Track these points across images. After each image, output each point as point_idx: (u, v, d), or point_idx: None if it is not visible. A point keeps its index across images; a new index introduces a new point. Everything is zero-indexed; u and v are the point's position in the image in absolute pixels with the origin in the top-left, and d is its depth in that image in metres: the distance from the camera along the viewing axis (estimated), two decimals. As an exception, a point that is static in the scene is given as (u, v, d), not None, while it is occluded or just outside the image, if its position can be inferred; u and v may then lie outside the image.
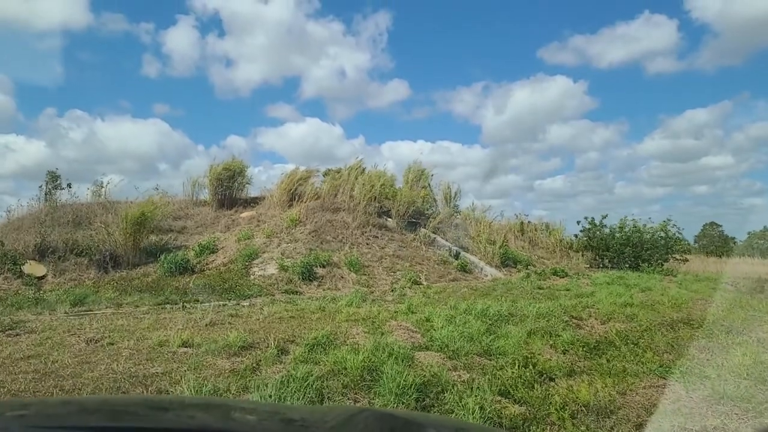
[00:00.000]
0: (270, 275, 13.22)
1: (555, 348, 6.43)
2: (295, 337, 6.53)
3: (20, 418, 1.18)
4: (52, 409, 1.48)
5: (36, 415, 1.24)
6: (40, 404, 1.94)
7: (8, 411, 1.30)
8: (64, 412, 1.40)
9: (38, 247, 14.32)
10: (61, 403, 2.07)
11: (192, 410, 1.44)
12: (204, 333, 6.71)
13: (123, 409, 1.43)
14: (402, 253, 16.16)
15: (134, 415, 1.29)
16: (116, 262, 14.73)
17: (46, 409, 1.47)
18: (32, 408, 1.45)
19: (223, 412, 1.40)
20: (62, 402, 2.23)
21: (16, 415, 1.22)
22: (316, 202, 18.36)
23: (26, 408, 1.42)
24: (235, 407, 1.60)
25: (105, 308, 9.36)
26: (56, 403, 1.99)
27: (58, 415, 1.30)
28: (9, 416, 1.17)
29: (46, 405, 1.78)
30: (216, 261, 14.85)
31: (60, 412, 1.40)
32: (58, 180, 17.63)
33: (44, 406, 1.64)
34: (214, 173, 19.34)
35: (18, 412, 1.28)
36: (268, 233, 16.10)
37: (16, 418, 1.17)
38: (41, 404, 1.97)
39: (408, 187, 19.60)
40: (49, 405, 1.78)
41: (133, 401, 2.28)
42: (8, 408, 1.45)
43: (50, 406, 1.64)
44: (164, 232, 17.11)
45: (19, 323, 7.50)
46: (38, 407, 1.52)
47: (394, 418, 1.49)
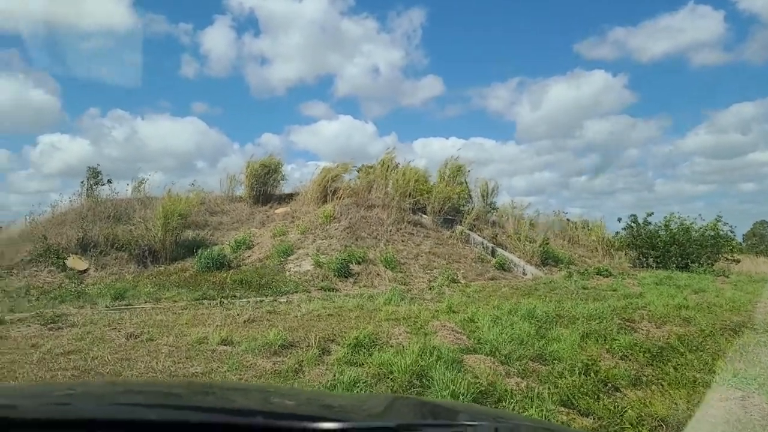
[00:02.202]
0: (305, 271, 13.08)
1: (612, 353, 6.01)
2: (335, 336, 6.30)
3: (76, 397, 1.23)
4: (98, 389, 1.54)
5: (89, 394, 1.29)
6: (84, 385, 2.14)
7: (56, 391, 1.40)
8: (111, 391, 1.44)
9: (80, 241, 14.56)
10: (107, 383, 2.23)
11: (233, 394, 1.45)
12: (243, 330, 6.54)
13: (166, 391, 1.47)
14: (438, 250, 15.81)
15: (177, 397, 1.31)
16: (155, 257, 14.87)
17: (97, 389, 1.55)
18: (79, 388, 1.55)
19: (263, 397, 1.41)
20: (108, 383, 2.38)
21: (64, 394, 1.27)
22: (350, 198, 18.16)
23: (73, 389, 1.52)
24: (275, 392, 1.64)
25: (144, 303, 9.35)
26: (102, 384, 2.11)
27: (105, 394, 1.35)
28: (57, 395, 1.23)
29: (95, 385, 1.95)
30: (252, 256, 14.81)
31: (107, 391, 1.45)
32: (99, 176, 17.94)
33: (89, 387, 1.76)
34: (251, 169, 19.37)
35: (66, 392, 1.35)
36: (303, 229, 15.99)
37: (66, 396, 1.22)
38: (85, 385, 2.16)
39: (443, 182, 19.19)
40: (95, 386, 1.90)
41: (175, 384, 2.35)
42: (55, 388, 1.60)
43: (96, 387, 1.74)
44: (201, 228, 17.22)
45: (62, 316, 7.50)
46: (89, 387, 1.64)
47: (429, 405, 1.58)
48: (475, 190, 20.66)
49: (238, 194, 20.47)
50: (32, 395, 1.39)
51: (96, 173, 17.87)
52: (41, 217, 16.74)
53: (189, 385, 2.06)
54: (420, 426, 1.08)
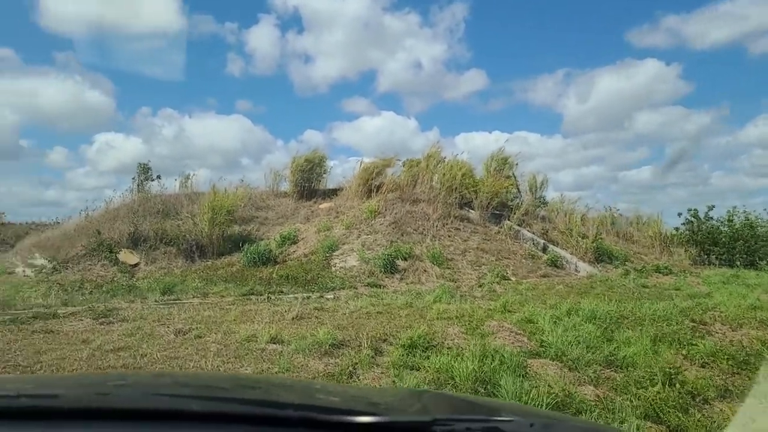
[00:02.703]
0: (351, 267, 12.87)
1: (690, 360, 5.47)
2: (387, 335, 6.00)
3: (120, 387, 1.24)
4: (147, 380, 1.58)
5: (133, 385, 1.31)
6: (135, 375, 2.20)
7: (99, 381, 1.45)
8: (158, 383, 1.46)
9: (131, 236, 14.86)
10: (155, 375, 2.28)
11: (278, 389, 1.45)
12: (291, 328, 6.34)
13: (213, 384, 1.47)
14: (486, 246, 15.31)
15: (223, 390, 1.31)
16: (202, 252, 15.01)
17: (142, 380, 1.59)
18: (129, 379, 1.60)
19: (309, 392, 1.42)
20: (156, 374, 2.44)
21: (107, 384, 1.29)
22: (395, 192, 17.85)
23: (123, 378, 1.55)
24: (320, 389, 1.60)
25: (192, 298, 9.34)
26: (147, 375, 2.18)
27: (153, 384, 1.38)
28: (110, 385, 1.25)
29: (141, 376, 1.99)
30: (297, 252, 14.74)
31: (155, 382, 1.48)
32: (149, 172, 18.30)
33: (139, 377, 1.84)
34: (296, 164, 19.36)
35: (117, 382, 1.36)
36: (348, 224, 15.80)
37: (117, 387, 1.23)
38: (136, 375, 2.22)
39: (490, 176, 18.59)
40: (140, 376, 2.00)
41: (221, 377, 2.36)
42: (98, 378, 1.67)
43: (145, 377, 1.81)
44: (247, 223, 17.31)
45: (113, 311, 7.52)
46: (135, 378, 1.67)
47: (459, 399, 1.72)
48: (523, 184, 19.99)
49: (283, 189, 20.53)
50: (74, 385, 1.43)
51: (146, 169, 18.25)
52: (95, 212, 17.23)
53: (233, 379, 2.09)
54: (456, 420, 1.06)
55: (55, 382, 1.63)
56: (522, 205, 18.56)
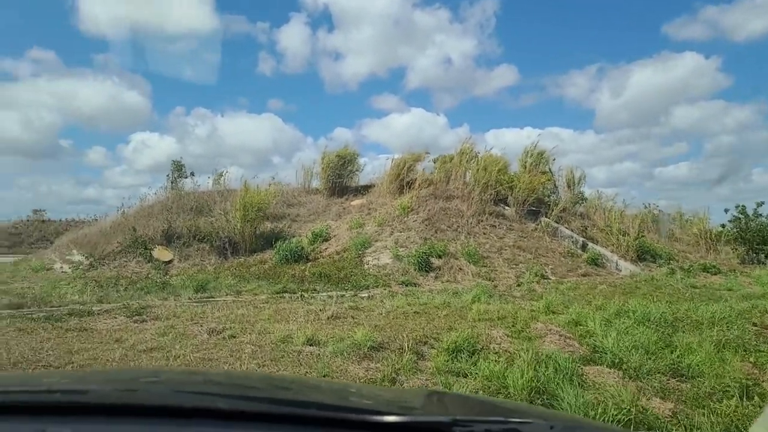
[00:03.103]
0: (384, 265, 12.61)
1: (761, 368, 5.00)
2: (427, 337, 5.71)
3: (151, 384, 1.28)
4: (179, 377, 1.60)
5: (165, 381, 1.34)
6: (167, 372, 2.20)
7: (142, 377, 1.48)
8: (190, 380, 1.49)
9: (165, 232, 14.93)
10: (188, 372, 2.28)
11: (310, 391, 1.44)
12: (327, 328, 6.10)
13: (245, 383, 1.47)
14: (523, 243, 14.83)
15: (255, 389, 1.32)
16: (234, 249, 14.98)
17: (174, 377, 1.60)
18: (162, 375, 1.60)
19: (342, 394, 1.41)
20: (189, 372, 2.42)
21: (149, 381, 1.34)
22: (428, 189, 17.49)
23: (156, 375, 1.57)
24: (354, 392, 1.59)
25: (225, 295, 9.22)
26: (183, 372, 2.20)
27: (184, 382, 1.41)
28: (142, 381, 1.32)
29: (173, 373, 2.03)
30: (329, 249, 14.56)
31: (186, 380, 1.51)
32: (183, 169, 18.41)
33: (172, 374, 1.86)
34: (327, 161, 19.20)
35: (149, 378, 1.41)
36: (380, 221, 15.54)
37: (150, 384, 1.28)
38: (169, 372, 2.23)
39: (526, 172, 18.04)
40: (177, 373, 2.01)
41: (255, 377, 2.36)
42: (140, 374, 1.68)
43: (178, 374, 1.83)
44: (278, 220, 17.24)
45: (146, 308, 7.44)
46: (167, 375, 1.68)
47: (475, 400, 1.83)
48: (560, 180, 19.32)
49: (314, 186, 20.42)
50: (106, 380, 1.45)
51: (180, 166, 18.38)
52: (130, 210, 17.42)
53: (266, 379, 2.10)
54: (475, 422, 1.05)
55: (88, 377, 1.66)
56: (559, 201, 17.97)
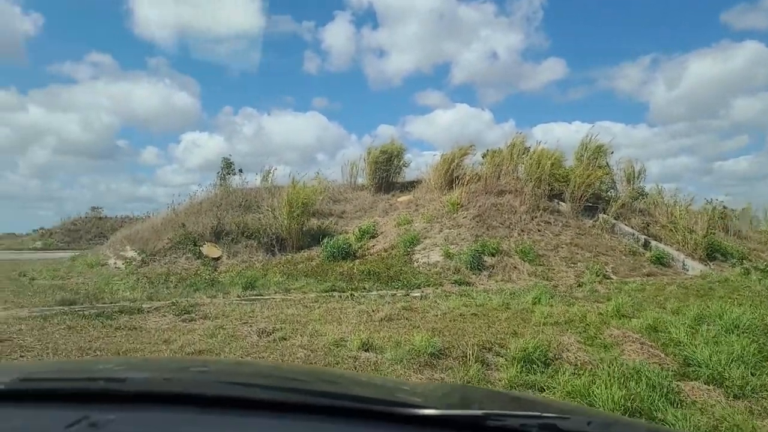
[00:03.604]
0: (434, 263, 12.15)
1: None
2: (491, 343, 5.23)
3: (202, 374, 1.29)
4: (229, 368, 1.64)
5: (215, 372, 1.38)
6: (217, 363, 2.21)
7: (192, 366, 1.51)
8: (238, 371, 1.51)
9: (214, 229, 14.97)
10: (236, 363, 2.27)
11: (356, 386, 1.42)
12: (382, 331, 5.72)
13: (292, 376, 1.47)
14: (580, 241, 14.04)
15: (301, 382, 1.32)
16: (282, 245, 14.87)
17: (225, 368, 1.64)
18: (212, 366, 1.70)
19: (389, 389, 1.43)
20: (238, 363, 2.43)
21: (198, 370, 1.37)
22: (478, 184, 16.86)
23: (206, 365, 1.63)
24: (398, 387, 1.56)
25: (274, 293, 9.00)
26: (233, 363, 2.21)
27: (235, 373, 1.43)
28: (193, 371, 1.34)
29: (224, 364, 2.12)
30: (376, 246, 14.22)
31: (237, 371, 1.52)
32: (232, 166, 18.48)
33: (222, 365, 1.95)
34: (372, 156, 18.87)
35: (200, 369, 1.44)
36: (428, 218, 15.07)
37: (200, 373, 1.30)
38: (218, 363, 2.23)
39: (582, 166, 17.13)
40: (227, 364, 2.14)
41: (302, 370, 2.33)
42: (191, 364, 1.80)
43: (228, 365, 1.92)
44: (325, 216, 17.04)
45: (195, 306, 7.28)
46: (217, 366, 1.75)
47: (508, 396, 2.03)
48: (619, 174, 18.29)
49: (360, 183, 20.15)
50: (155, 368, 1.47)
51: (229, 163, 18.46)
52: (180, 206, 17.62)
53: (313, 372, 2.11)
54: (509, 416, 1.01)
55: (140, 365, 1.67)
56: (618, 196, 17.02)
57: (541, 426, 0.98)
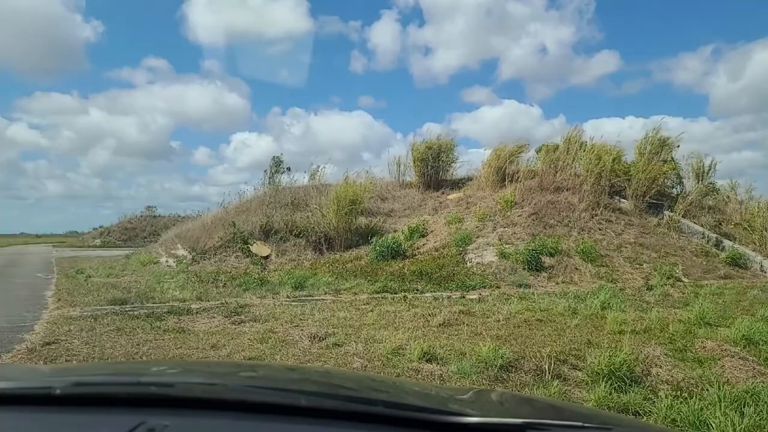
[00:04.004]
0: (489, 263, 11.58)
1: None
2: (565, 354, 4.70)
3: (251, 379, 1.28)
4: (278, 374, 1.61)
5: (264, 378, 1.34)
6: (267, 368, 2.28)
7: (241, 372, 1.48)
8: (288, 377, 1.47)
9: (263, 227, 14.91)
10: (287, 369, 2.33)
11: (405, 394, 1.36)
12: (442, 338, 5.28)
13: (340, 383, 1.43)
14: (645, 240, 13.13)
15: (349, 389, 1.29)
16: (330, 244, 14.65)
17: (272, 374, 1.60)
18: (260, 371, 1.67)
19: (428, 396, 1.40)
20: (288, 368, 2.42)
21: (248, 376, 1.34)
22: (533, 181, 16.12)
23: (255, 370, 1.62)
24: (438, 394, 1.53)
25: (324, 294, 8.71)
26: (283, 369, 2.23)
27: (284, 379, 1.38)
28: (243, 376, 1.32)
29: (274, 369, 2.08)
30: (426, 245, 13.76)
31: (285, 377, 1.49)
32: (281, 164, 18.44)
33: (271, 371, 1.87)
34: (417, 153, 18.38)
35: (248, 374, 1.42)
36: (481, 216, 14.47)
37: (249, 378, 1.29)
38: (269, 368, 2.29)
39: (644, 161, 16.06)
40: (276, 369, 2.09)
41: (350, 377, 2.30)
42: (240, 369, 1.75)
43: (277, 371, 1.88)
44: (373, 215, 16.71)
45: (245, 308, 7.06)
46: (266, 371, 1.73)
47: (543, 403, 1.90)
48: (686, 169, 17.05)
49: (408, 180, 19.69)
50: (207, 372, 1.47)
51: (279, 162, 18.43)
52: (230, 205, 17.73)
53: (362, 379, 2.01)
54: (550, 426, 0.98)
55: (193, 368, 1.66)
56: (686, 193, 15.88)
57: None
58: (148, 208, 43.33)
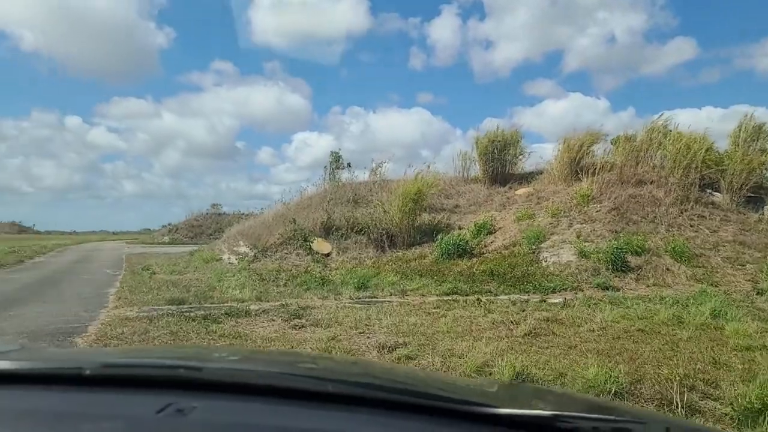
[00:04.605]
0: (567, 263, 10.59)
1: None
2: (691, 378, 3.82)
3: (311, 369, 1.28)
4: (338, 367, 1.57)
5: (323, 369, 1.34)
6: (328, 359, 2.33)
7: (297, 361, 1.47)
8: (349, 370, 1.46)
9: (324, 224, 14.54)
10: (351, 362, 2.26)
11: (433, 384, 1.30)
12: (532, 353, 4.52)
13: (369, 372, 1.44)
14: (746, 238, 11.66)
15: (377, 378, 1.22)
16: (392, 242, 14.08)
17: (331, 366, 1.58)
18: (320, 362, 1.64)
19: (469, 391, 1.32)
20: (351, 362, 2.39)
21: (308, 366, 1.33)
22: (611, 173, 14.84)
23: (315, 361, 1.59)
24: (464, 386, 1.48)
25: (389, 295, 8.11)
26: (348, 362, 2.18)
27: (316, 368, 1.35)
28: (302, 367, 1.30)
29: (335, 362, 2.05)
30: (495, 243, 12.91)
31: (343, 369, 1.47)
32: (340, 160, 18.09)
33: (332, 362, 1.89)
34: (481, 146, 17.44)
35: (308, 365, 1.39)
36: (554, 212, 13.43)
37: (309, 369, 1.27)
38: (329, 360, 2.36)
39: (741, 151, 14.39)
40: (340, 362, 2.06)
41: (381, 367, 2.23)
42: (300, 359, 1.79)
43: (340, 363, 1.91)
44: (436, 211, 15.98)
45: (306, 310, 6.56)
46: (326, 362, 1.73)
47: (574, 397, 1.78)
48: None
49: (472, 175, 18.81)
50: (267, 360, 1.48)
51: (338, 157, 18.09)
52: (290, 201, 17.55)
53: (409, 375, 1.85)
54: (580, 418, 0.93)
55: (253, 356, 1.68)
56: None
57: (614, 430, 0.90)
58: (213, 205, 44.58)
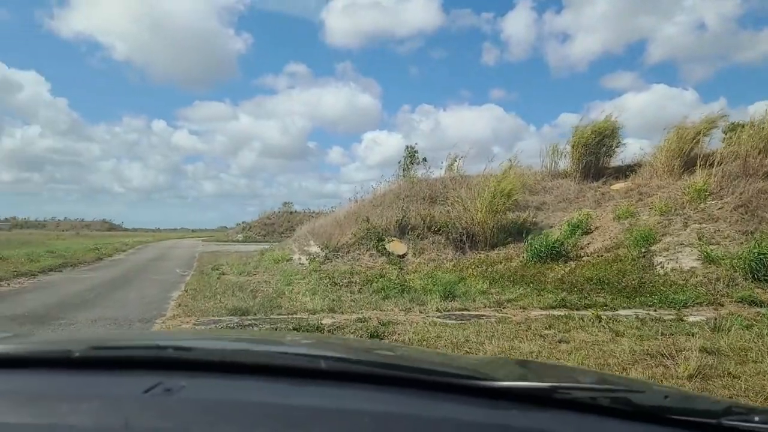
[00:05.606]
0: (689, 270, 8.86)
1: None
2: None
3: (304, 346, 1.33)
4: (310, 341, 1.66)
5: (315, 345, 1.37)
6: (357, 343, 2.48)
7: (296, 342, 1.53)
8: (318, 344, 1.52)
9: (399, 223, 13.47)
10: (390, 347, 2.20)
11: (431, 360, 1.37)
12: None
13: (366, 348, 1.48)
14: None
15: (374, 354, 1.30)
16: (472, 242, 12.79)
17: (307, 341, 1.66)
18: (338, 347, 1.55)
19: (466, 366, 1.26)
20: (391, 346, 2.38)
21: (302, 344, 1.42)
22: (732, 165, 12.73)
23: (333, 349, 1.50)
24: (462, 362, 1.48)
25: (483, 307, 6.86)
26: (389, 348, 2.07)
27: (310, 345, 1.40)
28: (294, 345, 1.36)
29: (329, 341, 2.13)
30: (593, 244, 11.32)
31: (315, 343, 1.54)
32: (415, 155, 16.97)
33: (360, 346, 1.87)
34: (579, 137, 15.62)
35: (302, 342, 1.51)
36: (662, 209, 11.61)
37: (302, 346, 1.33)
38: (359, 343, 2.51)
39: None
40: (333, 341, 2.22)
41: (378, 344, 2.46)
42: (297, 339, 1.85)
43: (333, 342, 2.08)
44: (520, 209, 14.46)
45: (388, 326, 5.47)
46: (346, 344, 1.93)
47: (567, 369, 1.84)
48: None
49: (561, 169, 17.06)
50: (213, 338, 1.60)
51: (413, 152, 16.97)
52: (363, 199, 16.67)
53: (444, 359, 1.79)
54: (576, 389, 0.94)
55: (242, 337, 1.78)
56: None
57: (613, 400, 0.89)
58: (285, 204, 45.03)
